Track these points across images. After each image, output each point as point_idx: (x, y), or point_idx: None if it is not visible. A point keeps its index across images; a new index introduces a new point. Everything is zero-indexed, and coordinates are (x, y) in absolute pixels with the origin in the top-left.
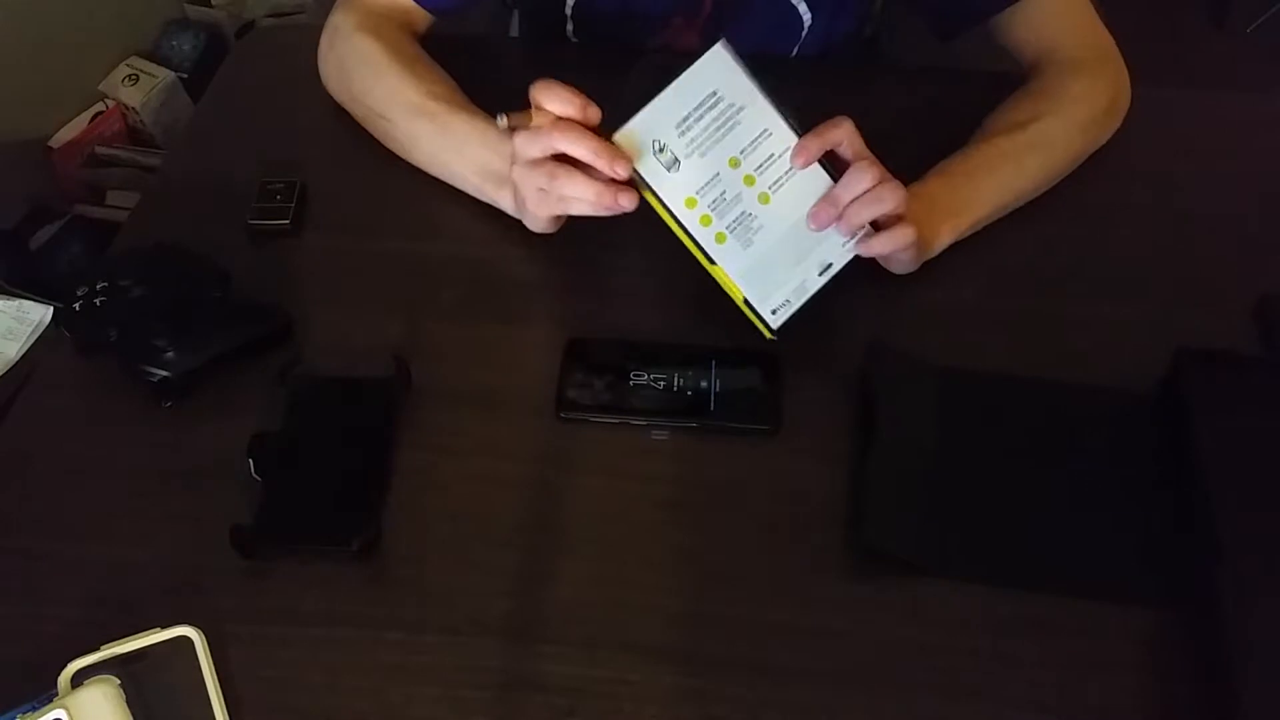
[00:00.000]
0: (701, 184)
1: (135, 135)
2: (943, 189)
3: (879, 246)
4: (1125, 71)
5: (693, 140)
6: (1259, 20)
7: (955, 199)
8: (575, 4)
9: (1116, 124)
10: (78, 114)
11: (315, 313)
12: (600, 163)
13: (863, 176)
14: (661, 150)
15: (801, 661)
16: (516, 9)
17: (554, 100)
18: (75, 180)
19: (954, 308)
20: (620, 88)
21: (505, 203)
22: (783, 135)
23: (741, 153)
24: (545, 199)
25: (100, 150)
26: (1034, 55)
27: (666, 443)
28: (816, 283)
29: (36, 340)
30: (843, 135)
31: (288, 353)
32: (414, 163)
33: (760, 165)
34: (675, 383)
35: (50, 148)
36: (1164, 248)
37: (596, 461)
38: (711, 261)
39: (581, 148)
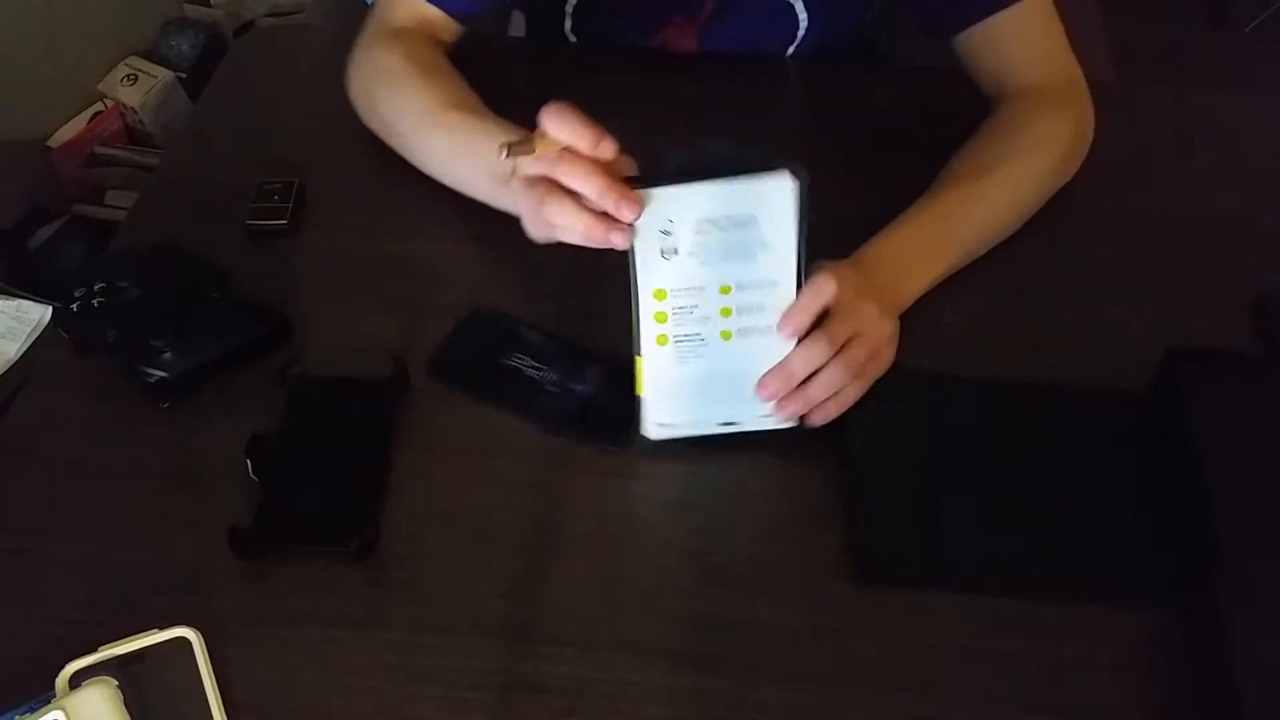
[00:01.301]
0: (680, 286)
1: (134, 135)
2: (912, 236)
3: (832, 411)
4: (1090, 102)
5: (703, 244)
6: (1259, 20)
7: (925, 248)
8: (577, 3)
9: (1083, 155)
10: (77, 114)
11: (314, 313)
12: (606, 203)
13: (817, 349)
14: (668, 233)
15: (801, 661)
16: (518, 8)
17: (563, 130)
18: (74, 180)
19: (950, 310)
20: (613, 89)
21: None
22: (787, 293)
23: (738, 284)
24: (537, 220)
25: (99, 150)
26: (997, 82)
27: (665, 443)
28: (713, 429)
29: (35, 340)
30: (826, 296)
31: (286, 353)
32: (428, 172)
33: (747, 307)
34: (548, 378)
35: (49, 148)
36: (1163, 248)
37: (595, 462)
38: (637, 352)
39: (587, 185)
